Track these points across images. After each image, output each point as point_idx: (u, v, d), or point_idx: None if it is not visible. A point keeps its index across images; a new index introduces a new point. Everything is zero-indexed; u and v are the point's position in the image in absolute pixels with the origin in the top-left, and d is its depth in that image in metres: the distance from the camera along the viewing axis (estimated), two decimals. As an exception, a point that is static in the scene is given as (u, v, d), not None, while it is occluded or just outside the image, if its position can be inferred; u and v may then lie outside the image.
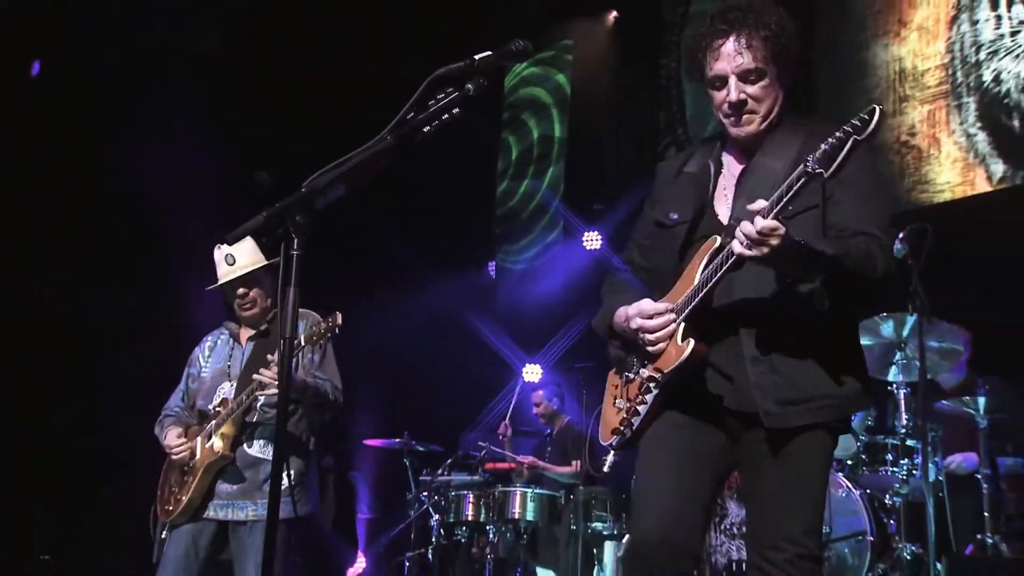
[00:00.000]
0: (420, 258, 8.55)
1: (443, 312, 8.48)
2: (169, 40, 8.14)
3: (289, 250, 2.05)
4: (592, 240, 8.42)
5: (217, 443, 3.72)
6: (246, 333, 3.99)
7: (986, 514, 4.74)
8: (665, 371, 2.49)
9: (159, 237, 7.23)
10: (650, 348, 2.52)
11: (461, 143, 8.13)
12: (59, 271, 7.57)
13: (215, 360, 3.98)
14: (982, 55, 6.16)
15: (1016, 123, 5.96)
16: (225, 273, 3.88)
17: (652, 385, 2.53)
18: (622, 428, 2.60)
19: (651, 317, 2.51)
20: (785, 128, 2.59)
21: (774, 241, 2.22)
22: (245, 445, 3.76)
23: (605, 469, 2.68)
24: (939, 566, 4.38)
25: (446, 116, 2.09)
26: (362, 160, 2.09)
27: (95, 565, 6.98)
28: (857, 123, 2.18)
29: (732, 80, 2.52)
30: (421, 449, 6.87)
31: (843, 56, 7.04)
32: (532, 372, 8.20)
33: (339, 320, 3.63)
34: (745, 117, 2.55)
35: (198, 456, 3.76)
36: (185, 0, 8.16)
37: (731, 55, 2.50)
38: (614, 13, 8.93)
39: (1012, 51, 5.98)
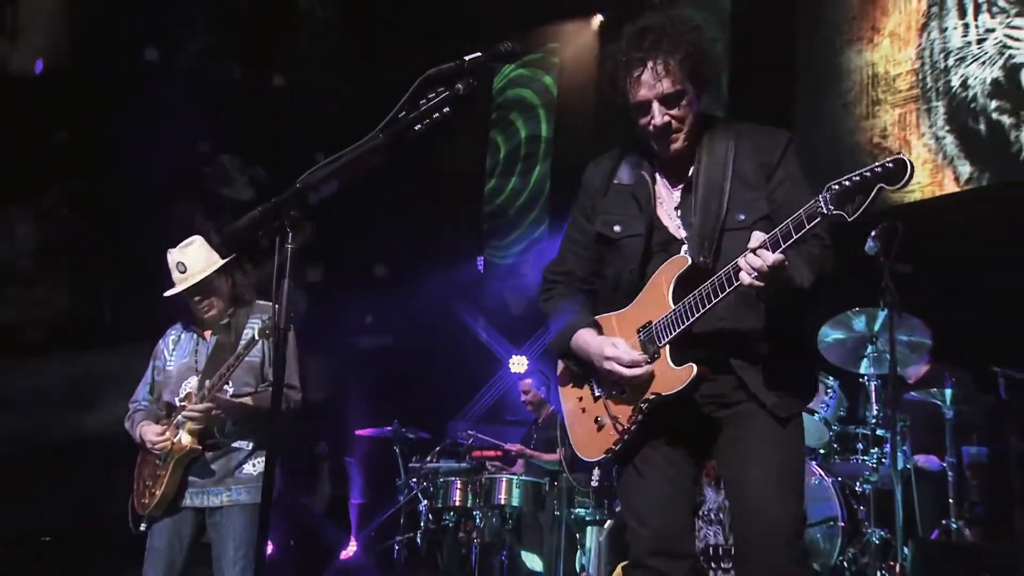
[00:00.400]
0: (413, 254, 8.55)
1: (433, 305, 8.47)
2: (169, 40, 8.09)
3: (284, 244, 2.05)
4: (576, 236, 8.40)
5: (185, 438, 3.71)
6: (209, 328, 3.97)
7: (951, 500, 4.78)
8: (664, 394, 2.48)
9: (158, 233, 7.19)
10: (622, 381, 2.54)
11: (452, 143, 8.15)
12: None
13: (180, 354, 3.95)
14: (950, 61, 6.20)
15: (982, 127, 6.00)
16: (178, 281, 3.85)
17: (645, 406, 2.51)
18: (615, 447, 2.58)
19: (629, 365, 2.50)
20: (710, 135, 2.59)
21: (781, 273, 2.26)
22: (218, 437, 3.76)
23: (594, 484, 2.70)
24: (906, 550, 4.43)
25: (436, 115, 2.08)
26: (355, 157, 2.09)
27: (95, 547, 6.95)
28: (880, 171, 2.14)
29: (655, 105, 2.51)
30: (411, 436, 6.87)
31: (820, 61, 7.07)
32: (518, 363, 8.20)
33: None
34: (672, 137, 2.55)
35: (169, 451, 3.76)
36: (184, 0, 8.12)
37: (650, 83, 2.48)
38: (599, 17, 8.94)
39: (979, 58, 6.02)
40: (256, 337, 3.56)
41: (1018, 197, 5.70)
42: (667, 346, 2.48)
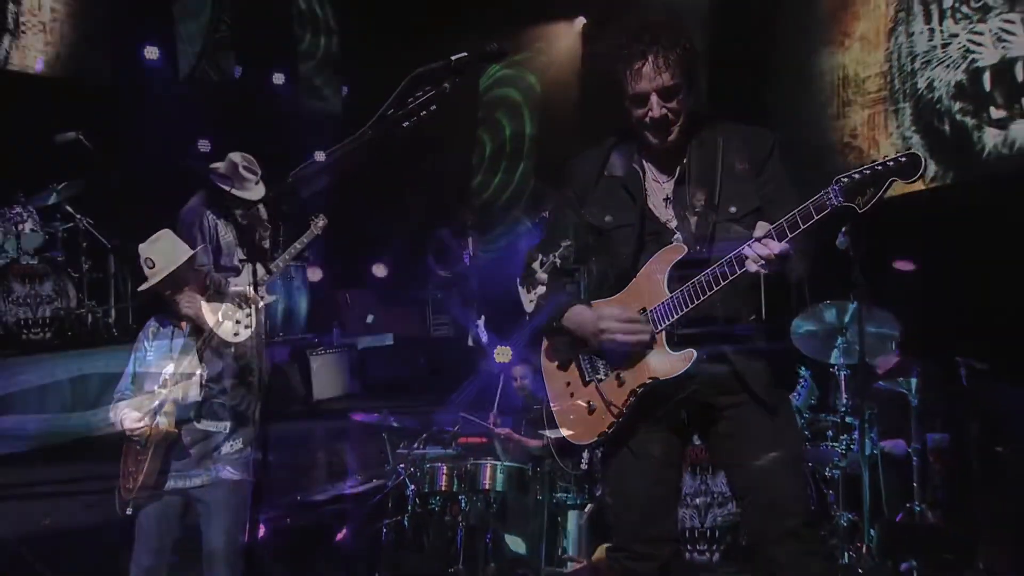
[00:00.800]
0: (408, 251, 8.55)
1: (422, 298, 8.48)
2: (169, 40, 8.04)
3: (277, 235, 2.05)
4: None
5: (162, 422, 3.72)
6: (185, 319, 3.96)
7: (915, 485, 4.82)
8: (663, 378, 2.48)
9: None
10: (615, 346, 2.51)
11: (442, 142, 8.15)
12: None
13: (159, 345, 3.96)
14: (917, 64, 6.24)
15: (947, 127, 6.04)
16: (148, 276, 3.84)
17: (641, 390, 2.51)
18: (609, 431, 2.57)
19: (625, 322, 2.50)
20: (700, 130, 2.61)
21: (786, 262, 2.27)
22: (195, 421, 3.78)
23: (583, 467, 2.70)
24: (872, 532, 4.47)
25: (424, 112, 2.08)
26: (345, 153, 2.08)
27: (92, 544, 6.90)
28: (892, 165, 2.14)
29: (653, 98, 2.51)
30: (406, 425, 6.85)
31: (795, 63, 7.11)
32: (503, 353, 8.19)
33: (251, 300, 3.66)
34: (668, 129, 2.56)
35: (148, 436, 3.77)
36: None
37: (651, 75, 2.49)
38: (582, 19, 8.96)
39: (943, 61, 6.06)
40: (221, 319, 3.56)
41: (980, 195, 5.75)
42: (663, 332, 2.49)
